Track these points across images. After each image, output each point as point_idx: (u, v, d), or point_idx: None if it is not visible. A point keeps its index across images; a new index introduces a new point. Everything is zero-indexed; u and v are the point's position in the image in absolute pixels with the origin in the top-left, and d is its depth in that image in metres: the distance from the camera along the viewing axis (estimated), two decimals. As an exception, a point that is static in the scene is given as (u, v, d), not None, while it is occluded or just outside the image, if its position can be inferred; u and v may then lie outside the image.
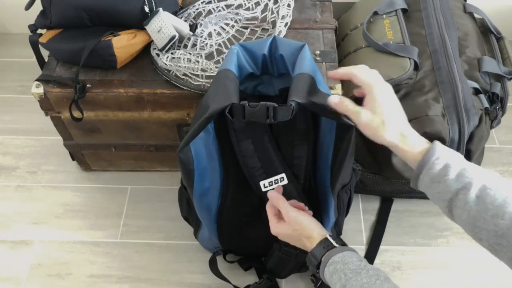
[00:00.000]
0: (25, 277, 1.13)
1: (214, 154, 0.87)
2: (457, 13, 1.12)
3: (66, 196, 1.27)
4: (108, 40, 0.99)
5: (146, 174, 1.30)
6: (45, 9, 1.04)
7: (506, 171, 1.29)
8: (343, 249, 0.73)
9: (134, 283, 1.12)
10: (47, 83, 1.03)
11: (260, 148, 0.85)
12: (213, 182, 0.91)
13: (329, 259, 0.72)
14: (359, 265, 0.69)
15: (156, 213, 1.23)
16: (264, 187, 0.88)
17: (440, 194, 0.65)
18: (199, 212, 0.95)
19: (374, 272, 0.68)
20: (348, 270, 0.68)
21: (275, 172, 0.87)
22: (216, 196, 0.93)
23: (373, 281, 0.65)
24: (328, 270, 0.72)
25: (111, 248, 1.18)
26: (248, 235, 1.01)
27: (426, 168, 0.66)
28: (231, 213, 0.96)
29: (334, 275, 0.70)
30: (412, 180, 0.70)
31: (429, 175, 0.66)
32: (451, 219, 0.67)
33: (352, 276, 0.67)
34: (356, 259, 0.71)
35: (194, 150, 0.83)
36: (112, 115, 1.09)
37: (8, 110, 1.43)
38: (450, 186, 0.64)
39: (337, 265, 0.70)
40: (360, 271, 0.68)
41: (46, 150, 1.35)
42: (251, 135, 0.84)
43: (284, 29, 1.05)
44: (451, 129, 0.98)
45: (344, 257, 0.71)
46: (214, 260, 1.09)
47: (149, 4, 1.01)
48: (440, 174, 0.65)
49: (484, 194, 0.62)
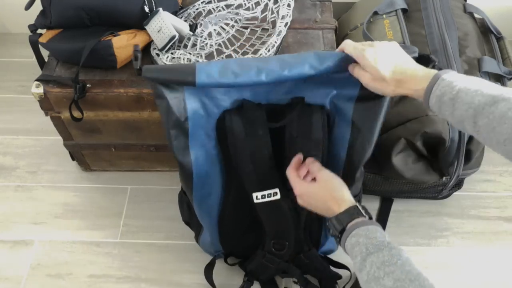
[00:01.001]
0: (25, 277, 1.13)
1: (215, 160, 0.86)
2: (457, 13, 1.12)
3: (66, 196, 1.27)
4: (108, 40, 0.99)
5: (146, 174, 1.30)
6: (45, 9, 1.04)
7: (506, 171, 1.29)
8: (369, 223, 0.71)
9: (134, 283, 1.12)
10: (47, 83, 1.03)
11: (258, 162, 0.84)
12: (214, 187, 0.90)
13: (353, 230, 0.70)
14: (383, 242, 0.67)
15: (156, 213, 1.23)
16: (256, 199, 0.87)
17: (461, 108, 0.62)
18: (200, 216, 0.95)
19: (397, 251, 0.65)
20: (371, 245, 0.66)
21: (269, 186, 0.86)
22: (217, 201, 0.93)
23: (394, 261, 0.63)
24: (350, 241, 0.70)
25: (111, 248, 1.18)
26: (250, 239, 1.01)
27: (437, 83, 0.64)
28: (232, 218, 0.96)
29: (355, 247, 0.68)
30: (425, 100, 0.67)
31: (441, 89, 0.64)
32: (476, 135, 0.63)
33: (374, 252, 0.65)
34: (380, 235, 0.68)
35: (194, 155, 0.83)
36: (112, 115, 1.09)
37: (8, 110, 1.43)
38: (473, 98, 0.61)
39: (360, 238, 0.68)
40: (383, 248, 0.65)
41: (46, 150, 1.35)
42: (250, 146, 0.83)
43: (284, 29, 1.05)
44: (451, 129, 0.98)
45: (369, 231, 0.69)
46: (211, 265, 1.09)
47: (149, 4, 1.01)
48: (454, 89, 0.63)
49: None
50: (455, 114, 0.62)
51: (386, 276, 0.61)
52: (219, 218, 0.96)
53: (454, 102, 0.62)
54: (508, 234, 1.20)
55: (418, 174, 1.06)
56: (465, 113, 0.61)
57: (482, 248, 1.17)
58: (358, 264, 0.67)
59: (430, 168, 1.07)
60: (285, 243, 0.96)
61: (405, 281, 0.60)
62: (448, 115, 0.64)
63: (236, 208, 0.94)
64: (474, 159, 1.06)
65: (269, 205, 0.88)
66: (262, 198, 0.87)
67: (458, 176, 1.07)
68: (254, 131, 0.81)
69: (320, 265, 1.04)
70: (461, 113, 0.62)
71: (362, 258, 0.66)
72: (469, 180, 1.23)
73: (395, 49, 0.71)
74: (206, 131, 0.82)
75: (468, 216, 1.22)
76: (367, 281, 0.64)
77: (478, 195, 1.26)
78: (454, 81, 0.63)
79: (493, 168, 1.29)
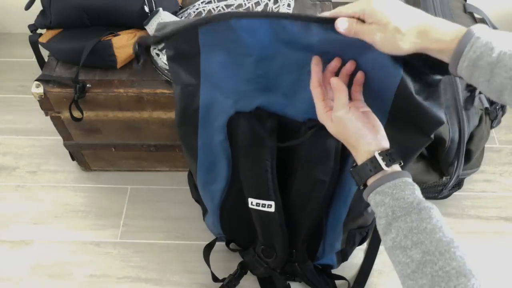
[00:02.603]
0: (25, 277, 1.13)
1: (222, 153, 0.85)
2: (457, 13, 1.12)
3: (66, 196, 1.27)
4: (108, 40, 0.99)
5: (146, 174, 1.30)
6: (45, 9, 1.04)
7: (506, 171, 1.29)
8: (394, 176, 0.61)
9: (134, 283, 1.12)
10: (47, 83, 1.03)
11: (258, 171, 0.82)
12: (219, 176, 0.90)
13: (377, 187, 0.62)
14: (411, 203, 0.59)
15: (156, 213, 1.23)
16: (251, 204, 0.87)
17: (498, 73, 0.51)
18: (204, 198, 0.96)
19: (426, 213, 0.58)
20: (398, 208, 0.59)
21: (266, 197, 0.85)
22: (220, 189, 0.93)
23: (423, 226, 0.56)
24: (374, 199, 0.62)
25: (111, 248, 1.18)
26: (248, 233, 1.01)
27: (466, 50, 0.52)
28: (233, 210, 0.97)
29: (380, 207, 0.61)
30: (451, 66, 0.55)
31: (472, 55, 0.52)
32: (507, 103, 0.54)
33: (401, 215, 0.58)
34: (409, 192, 0.60)
35: (201, 143, 0.83)
36: (112, 115, 1.09)
37: (8, 110, 1.43)
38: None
39: (386, 198, 0.60)
40: (411, 210, 0.58)
41: (46, 150, 1.35)
42: (253, 156, 0.81)
43: (284, 29, 1.05)
44: (451, 129, 0.98)
45: (396, 188, 0.60)
46: (211, 245, 1.09)
47: (149, 4, 1.01)
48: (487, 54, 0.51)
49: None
50: (494, 81, 0.52)
51: (414, 247, 0.56)
52: (221, 206, 0.97)
53: (494, 67, 0.51)
54: (508, 234, 1.20)
55: (418, 174, 1.06)
56: (509, 81, 0.50)
57: (482, 248, 1.17)
58: (383, 227, 0.61)
59: (430, 168, 1.07)
60: (273, 253, 0.96)
61: (435, 254, 0.54)
62: (482, 82, 0.53)
63: (237, 202, 0.93)
64: (474, 159, 1.06)
65: (262, 214, 0.87)
66: (256, 206, 0.86)
67: (458, 176, 1.07)
68: (260, 141, 0.79)
69: (314, 279, 1.04)
70: (501, 81, 0.51)
71: (388, 222, 0.59)
72: (469, 180, 1.23)
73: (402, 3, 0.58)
74: (217, 124, 0.80)
75: (468, 216, 1.22)
76: (392, 248, 0.59)
77: (478, 195, 1.26)
78: (492, 41, 0.51)
79: (493, 168, 1.29)
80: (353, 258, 1.11)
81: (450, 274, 0.52)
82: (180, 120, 0.81)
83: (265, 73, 0.71)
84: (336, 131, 0.65)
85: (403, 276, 0.56)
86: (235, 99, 0.75)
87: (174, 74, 0.74)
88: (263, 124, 0.77)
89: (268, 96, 0.75)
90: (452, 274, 0.52)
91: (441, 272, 0.53)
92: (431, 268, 0.53)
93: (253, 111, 0.76)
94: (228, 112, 0.77)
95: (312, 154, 0.78)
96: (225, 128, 0.80)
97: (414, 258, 0.55)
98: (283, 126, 0.78)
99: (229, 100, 0.76)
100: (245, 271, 1.09)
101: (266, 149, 0.79)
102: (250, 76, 0.71)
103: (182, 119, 0.80)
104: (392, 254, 0.59)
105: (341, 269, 1.11)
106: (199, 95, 0.76)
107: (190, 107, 0.77)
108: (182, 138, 0.84)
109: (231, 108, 0.77)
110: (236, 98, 0.75)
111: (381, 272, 1.14)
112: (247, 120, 0.77)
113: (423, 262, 0.54)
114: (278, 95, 0.74)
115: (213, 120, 0.79)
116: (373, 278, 1.13)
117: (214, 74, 0.72)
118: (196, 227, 1.19)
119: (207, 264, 1.08)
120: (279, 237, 0.91)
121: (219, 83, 0.74)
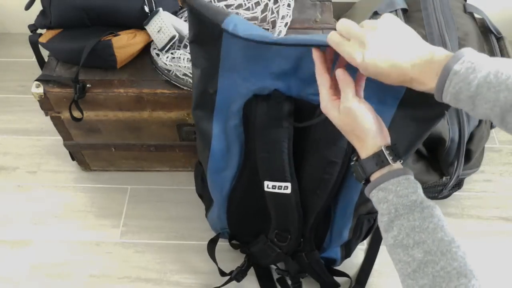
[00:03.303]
0: (25, 277, 1.13)
1: (236, 138, 0.86)
2: (457, 13, 1.12)
3: (66, 196, 1.27)
4: (108, 40, 0.99)
5: (146, 174, 1.30)
6: (45, 9, 1.04)
7: (506, 171, 1.29)
8: (398, 173, 0.61)
9: (134, 283, 1.12)
10: (47, 83, 1.03)
11: (275, 153, 0.83)
12: (230, 164, 0.90)
13: (380, 183, 0.61)
14: (414, 201, 0.58)
15: (156, 213, 1.23)
16: (267, 188, 0.87)
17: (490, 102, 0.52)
18: (211, 188, 0.96)
19: (429, 211, 0.57)
20: (401, 205, 0.59)
21: (282, 179, 0.86)
22: (230, 178, 0.93)
23: (426, 225, 0.56)
24: (377, 195, 0.62)
25: (111, 248, 1.18)
26: (255, 225, 1.01)
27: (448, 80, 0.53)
28: (241, 200, 0.96)
29: (383, 203, 0.61)
30: (436, 92, 0.56)
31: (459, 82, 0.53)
32: (505, 130, 0.54)
33: (404, 213, 0.58)
34: (412, 190, 0.60)
35: (217, 128, 0.84)
36: (112, 115, 1.09)
37: (8, 110, 1.43)
38: (497, 95, 0.51)
39: (389, 196, 0.60)
40: (414, 209, 0.58)
41: (46, 150, 1.35)
42: (270, 136, 0.82)
43: (284, 29, 1.05)
44: (451, 129, 0.98)
45: (399, 185, 0.60)
46: (215, 240, 1.09)
47: (149, 4, 1.01)
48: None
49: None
50: (477, 111, 0.53)
51: (415, 246, 0.56)
52: (229, 196, 0.96)
53: (474, 99, 0.52)
54: (508, 234, 1.20)
55: (418, 174, 1.06)
56: (490, 111, 0.52)
57: (482, 248, 1.17)
58: (384, 224, 0.60)
59: (430, 168, 1.07)
60: (288, 236, 0.96)
61: (436, 253, 0.54)
62: (467, 110, 0.55)
63: (246, 192, 0.93)
64: (474, 159, 1.06)
65: (278, 196, 0.88)
66: (272, 188, 0.87)
67: (458, 176, 1.07)
68: (278, 123, 0.80)
69: (319, 269, 1.04)
70: (483, 111, 0.53)
71: (390, 220, 0.59)
72: (469, 180, 1.23)
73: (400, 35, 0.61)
74: (234, 108, 0.81)
75: (468, 216, 1.23)
76: (393, 245, 0.58)
77: (478, 195, 1.26)
78: (470, 74, 0.52)
79: (493, 168, 1.29)
80: (354, 257, 1.11)
81: (451, 275, 0.52)
82: (198, 103, 0.82)
83: (286, 65, 0.73)
84: (343, 122, 0.63)
85: (403, 275, 0.56)
86: (253, 82, 0.77)
87: (195, 56, 0.77)
88: (281, 106, 0.78)
89: (286, 80, 0.76)
90: (453, 274, 0.52)
91: (442, 272, 0.53)
92: (433, 268, 0.53)
93: (271, 94, 0.78)
94: (246, 95, 0.79)
95: (326, 135, 0.79)
96: (241, 112, 0.81)
97: (416, 258, 0.55)
98: (298, 108, 0.79)
99: (248, 84, 0.78)
100: (251, 263, 1.09)
101: (283, 130, 0.80)
102: (271, 65, 0.74)
103: (199, 102, 0.82)
104: (393, 252, 0.59)
105: (342, 269, 1.11)
106: (217, 78, 0.78)
107: (208, 90, 0.79)
108: (198, 123, 0.86)
109: (250, 91, 0.78)
110: (254, 82, 0.77)
111: (381, 272, 1.14)
112: (265, 103, 0.78)
113: (425, 262, 0.54)
114: (296, 80, 0.76)
115: (230, 103, 0.81)
116: (373, 278, 1.13)
117: (234, 59, 0.75)
118: (196, 227, 1.19)
119: (212, 259, 1.07)
120: (295, 218, 0.91)
121: (239, 68, 0.76)
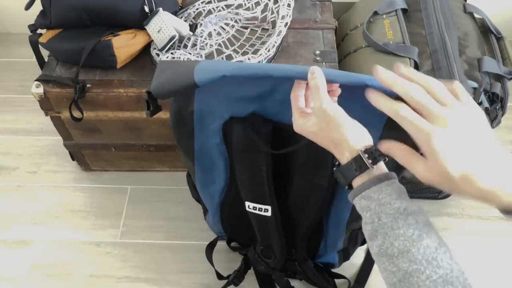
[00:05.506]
0: (25, 277, 1.13)
1: (220, 155, 0.84)
2: (457, 13, 1.12)
3: (66, 196, 1.27)
4: (108, 40, 0.99)
5: (146, 174, 1.30)
6: (45, 9, 1.04)
7: (506, 171, 1.29)
8: (379, 180, 0.58)
9: (134, 283, 1.12)
10: (47, 83, 1.03)
11: (255, 177, 0.81)
12: (218, 177, 0.90)
13: (362, 191, 0.59)
14: (398, 208, 0.56)
15: (156, 213, 1.23)
16: (248, 208, 0.87)
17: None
18: (203, 199, 0.96)
19: (413, 219, 0.56)
20: (384, 214, 0.57)
21: (262, 202, 0.85)
22: (220, 190, 0.92)
23: (410, 233, 0.55)
24: (359, 203, 0.60)
25: (111, 248, 1.18)
26: (249, 233, 1.00)
27: None
28: (233, 211, 0.96)
29: (366, 212, 0.59)
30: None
31: None
32: None
33: (387, 221, 0.56)
34: (394, 197, 0.57)
35: (198, 145, 0.82)
36: (112, 115, 1.09)
37: (8, 110, 1.43)
38: None
39: (372, 204, 0.58)
40: (398, 216, 0.56)
41: (46, 150, 1.35)
42: (248, 161, 0.80)
43: (284, 29, 1.05)
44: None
45: (381, 193, 0.57)
46: (213, 244, 1.09)
47: (149, 4, 1.01)
48: None
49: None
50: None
51: (400, 255, 0.54)
52: (221, 206, 0.96)
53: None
54: (508, 234, 1.20)
55: (418, 174, 1.06)
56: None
57: (482, 248, 1.17)
58: (368, 233, 0.59)
59: (430, 168, 1.06)
60: (272, 254, 0.96)
61: (422, 262, 0.53)
62: None
63: (237, 203, 0.93)
64: (474, 159, 1.06)
65: (260, 217, 0.87)
66: (253, 209, 0.86)
67: (458, 176, 1.06)
68: (255, 147, 0.77)
69: (313, 277, 1.04)
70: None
71: (374, 228, 0.58)
72: (469, 180, 1.23)
73: (479, 131, 0.56)
74: (213, 128, 0.80)
75: (468, 216, 1.22)
76: (378, 254, 0.57)
77: (478, 195, 1.26)
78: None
79: (493, 168, 1.29)
80: (354, 257, 1.11)
81: (437, 283, 0.52)
82: (175, 122, 0.80)
83: (262, 89, 0.71)
84: (319, 127, 0.60)
85: (389, 284, 0.56)
86: (229, 104, 0.75)
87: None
88: (258, 130, 0.75)
89: (263, 103, 0.74)
90: (439, 282, 0.52)
91: (428, 282, 0.52)
92: (418, 278, 0.53)
93: (248, 117, 0.75)
94: (222, 117, 0.77)
95: (310, 160, 0.78)
96: (220, 132, 0.79)
97: (401, 267, 0.54)
98: (278, 132, 0.76)
99: (223, 106, 0.75)
100: (249, 267, 1.09)
101: (261, 155, 0.78)
102: (246, 88, 0.72)
103: (177, 121, 0.80)
104: (379, 261, 0.58)
105: (342, 269, 1.11)
106: (193, 99, 0.75)
107: (185, 109, 0.77)
108: (178, 140, 0.84)
109: (226, 113, 0.76)
110: (230, 104, 0.75)
111: (381, 272, 1.14)
112: (241, 126, 0.75)
113: (410, 272, 0.53)
114: (273, 102, 0.73)
115: (208, 124, 0.79)
116: (373, 277, 1.13)
117: (209, 86, 0.71)
118: (196, 227, 1.19)
119: (210, 263, 1.08)
120: (276, 240, 0.91)
121: (214, 89, 0.73)
